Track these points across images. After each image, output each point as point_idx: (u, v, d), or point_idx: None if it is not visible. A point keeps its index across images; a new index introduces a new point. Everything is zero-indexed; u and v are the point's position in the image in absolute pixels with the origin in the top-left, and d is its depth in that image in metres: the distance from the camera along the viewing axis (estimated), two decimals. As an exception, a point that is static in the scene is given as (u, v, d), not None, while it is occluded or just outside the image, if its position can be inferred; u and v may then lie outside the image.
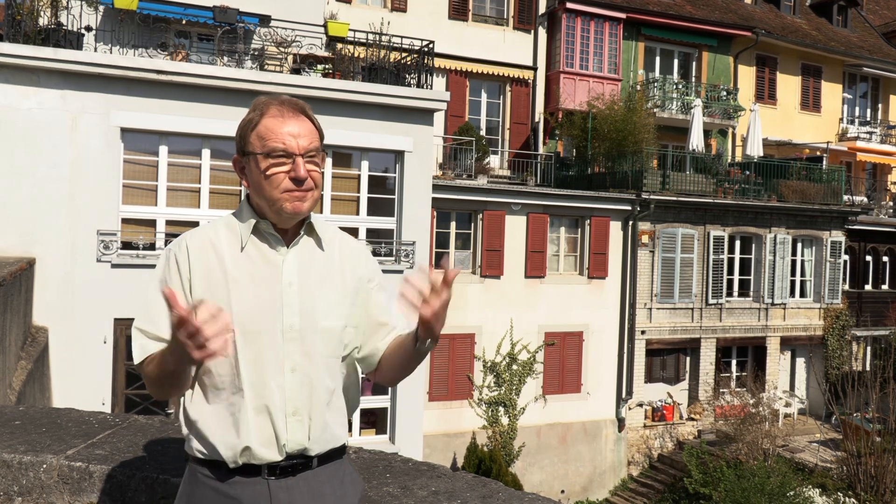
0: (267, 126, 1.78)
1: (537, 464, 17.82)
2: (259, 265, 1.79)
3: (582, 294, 18.40)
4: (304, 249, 1.84)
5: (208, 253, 1.79)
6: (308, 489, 1.77)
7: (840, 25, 28.10)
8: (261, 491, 1.73)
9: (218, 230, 1.83)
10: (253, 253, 1.79)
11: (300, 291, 1.78)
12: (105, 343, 10.43)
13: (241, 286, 1.76)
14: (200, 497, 1.76)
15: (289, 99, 1.83)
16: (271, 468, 1.74)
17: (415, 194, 12.47)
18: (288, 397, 1.74)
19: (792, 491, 15.39)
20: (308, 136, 1.78)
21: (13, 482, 2.51)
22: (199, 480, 1.77)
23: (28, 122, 10.11)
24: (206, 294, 1.73)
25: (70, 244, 10.33)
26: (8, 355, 6.86)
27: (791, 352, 21.79)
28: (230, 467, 1.73)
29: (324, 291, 1.81)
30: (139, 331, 1.77)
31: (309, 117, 1.82)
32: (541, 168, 21.34)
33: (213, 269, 1.77)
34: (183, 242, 1.81)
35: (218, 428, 1.73)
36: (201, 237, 1.82)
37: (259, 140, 1.78)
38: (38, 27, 10.47)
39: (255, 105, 1.82)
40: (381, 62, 12.50)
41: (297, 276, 1.79)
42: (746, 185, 20.86)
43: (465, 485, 2.57)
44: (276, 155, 1.76)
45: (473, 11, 20.80)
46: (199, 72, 10.94)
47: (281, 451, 1.74)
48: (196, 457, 1.77)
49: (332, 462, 1.83)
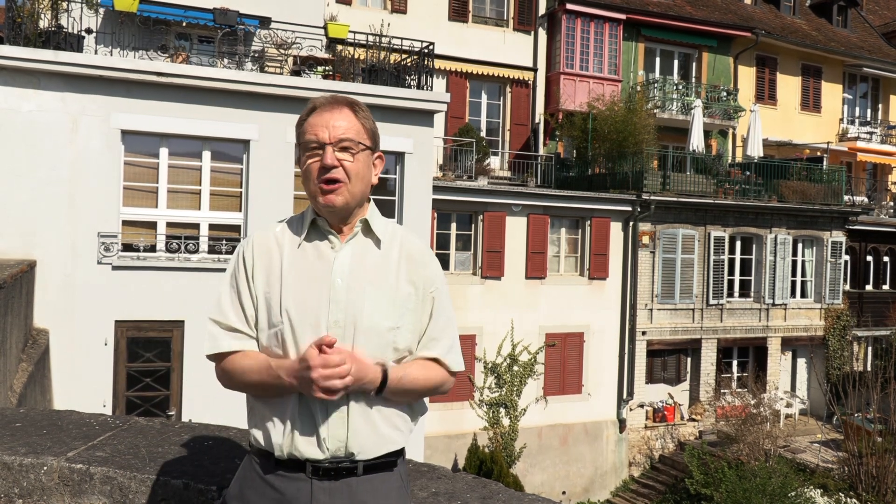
0: (309, 122, 1.85)
1: (538, 465, 17.81)
2: (312, 261, 1.83)
3: (583, 295, 18.40)
4: (359, 247, 1.86)
5: (271, 249, 1.86)
6: (350, 496, 1.77)
7: (840, 26, 28.11)
8: (303, 488, 1.76)
9: (284, 227, 1.91)
10: (309, 249, 1.85)
11: (348, 288, 1.80)
12: (106, 345, 10.43)
13: (294, 281, 1.81)
14: (250, 483, 1.83)
15: (337, 95, 1.89)
16: (315, 468, 1.76)
17: (415, 195, 12.47)
18: None
19: (793, 491, 15.38)
20: (343, 127, 1.82)
21: (14, 484, 2.51)
22: (252, 467, 1.84)
23: (28, 124, 10.12)
24: (265, 287, 1.82)
25: (71, 246, 10.33)
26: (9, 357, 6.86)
27: (792, 352, 21.78)
28: (277, 458, 1.78)
29: (373, 290, 1.81)
30: (212, 321, 1.85)
31: (354, 111, 1.86)
32: (541, 169, 21.34)
33: (273, 264, 1.84)
34: (251, 239, 1.90)
35: (269, 417, 1.79)
36: (267, 234, 1.90)
37: (301, 135, 1.86)
38: (39, 29, 10.48)
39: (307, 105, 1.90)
40: (381, 64, 12.50)
41: (347, 273, 1.81)
42: (747, 185, 20.86)
43: (466, 486, 2.57)
44: (310, 146, 1.82)
45: (473, 13, 20.81)
46: (200, 74, 10.95)
47: (322, 447, 1.76)
48: (252, 445, 1.85)
49: (380, 472, 1.82)
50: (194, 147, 11.17)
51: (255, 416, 1.83)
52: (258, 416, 1.82)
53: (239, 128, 11.17)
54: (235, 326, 1.83)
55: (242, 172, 11.43)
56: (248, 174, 11.34)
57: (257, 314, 1.82)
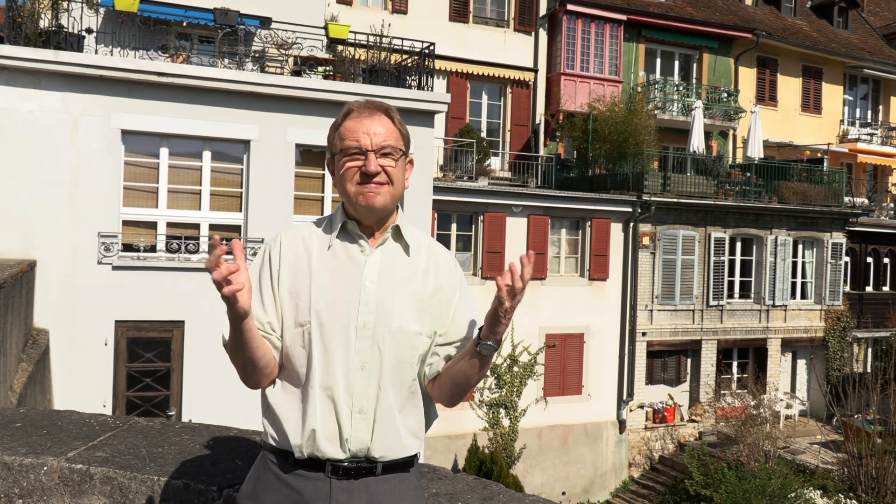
0: (346, 126, 1.86)
1: (538, 465, 17.81)
2: (343, 263, 1.85)
3: (583, 296, 18.40)
4: (389, 252, 1.89)
5: (298, 249, 1.87)
6: (368, 496, 1.78)
7: (841, 27, 28.11)
8: (322, 488, 1.76)
9: (312, 228, 1.93)
10: (339, 251, 1.87)
11: (378, 291, 1.82)
12: (106, 345, 10.43)
13: (323, 281, 1.82)
14: (266, 482, 1.82)
15: (372, 101, 1.91)
16: (335, 467, 1.77)
17: (415, 196, 12.48)
18: (355, 394, 1.78)
19: (793, 492, 15.38)
20: (383, 134, 1.85)
21: (14, 484, 2.51)
22: (267, 466, 1.83)
23: (29, 124, 10.12)
24: (291, 286, 1.83)
25: (71, 246, 10.33)
26: (9, 357, 6.86)
27: (792, 353, 21.77)
28: (296, 458, 1.77)
29: (402, 295, 1.84)
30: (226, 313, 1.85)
31: (390, 117, 1.89)
32: (541, 170, 21.34)
33: (301, 264, 1.85)
34: (279, 238, 1.91)
35: (289, 416, 1.79)
36: (295, 234, 1.91)
37: (339, 140, 1.87)
38: (39, 29, 10.48)
39: (342, 110, 1.91)
40: (381, 64, 12.50)
41: (377, 276, 1.84)
42: (747, 186, 20.86)
43: (466, 487, 2.57)
44: (351, 152, 1.84)
45: (474, 13, 20.81)
46: (200, 74, 10.95)
47: (344, 447, 1.76)
48: (268, 444, 1.83)
49: (397, 473, 1.83)
50: (195, 147, 11.18)
51: (273, 414, 1.82)
52: (276, 415, 1.81)
53: (239, 128, 11.18)
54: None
55: (243, 172, 11.43)
56: (248, 174, 11.34)
57: (283, 313, 1.83)
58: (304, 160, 11.89)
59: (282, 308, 1.83)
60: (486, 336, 1.77)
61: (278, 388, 1.84)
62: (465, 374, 1.84)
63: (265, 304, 1.83)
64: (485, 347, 1.77)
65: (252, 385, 1.85)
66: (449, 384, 1.88)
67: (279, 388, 1.83)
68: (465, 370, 1.84)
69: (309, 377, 1.78)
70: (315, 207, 12.06)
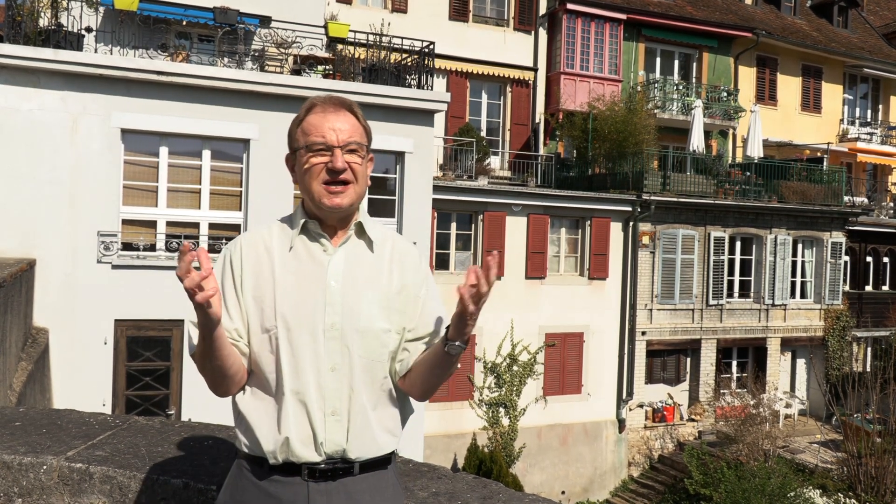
0: (310, 122, 1.83)
1: (538, 465, 17.81)
2: (306, 264, 1.81)
3: (582, 295, 18.40)
4: (353, 250, 1.85)
5: (259, 252, 1.83)
6: (346, 496, 1.76)
7: (840, 26, 28.10)
8: (299, 492, 1.74)
9: (272, 230, 1.88)
10: (301, 252, 1.83)
11: (343, 291, 1.79)
12: (105, 344, 10.43)
13: (287, 284, 1.79)
14: (242, 491, 1.80)
15: (335, 97, 1.87)
16: (311, 470, 1.75)
17: (415, 195, 12.47)
18: (327, 396, 1.76)
19: (792, 492, 15.38)
20: (348, 130, 1.81)
21: (13, 483, 2.51)
22: (243, 474, 1.81)
23: (28, 123, 10.11)
24: (255, 291, 1.79)
25: (71, 245, 10.33)
26: (8, 356, 6.86)
27: (791, 353, 21.78)
28: (271, 464, 1.75)
29: (368, 293, 1.81)
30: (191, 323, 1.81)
31: (354, 114, 1.85)
32: (541, 169, 21.34)
33: (263, 268, 1.81)
34: (238, 242, 1.86)
35: (261, 423, 1.77)
36: (254, 237, 1.87)
37: (303, 136, 1.83)
38: (39, 28, 10.47)
39: (304, 104, 1.87)
40: (381, 63, 12.50)
41: (341, 276, 1.80)
42: (747, 185, 20.86)
43: (466, 486, 2.57)
44: (316, 148, 1.80)
45: (474, 12, 20.81)
46: (200, 73, 10.94)
47: (319, 450, 1.75)
48: (242, 451, 1.81)
49: (375, 471, 1.82)
50: (194, 146, 11.17)
51: (245, 421, 1.80)
52: (248, 423, 1.79)
53: (239, 127, 11.17)
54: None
55: (242, 172, 11.43)
56: (248, 173, 11.34)
57: (248, 319, 1.80)
58: (303, 159, 11.86)
59: (247, 314, 1.80)
60: (453, 336, 1.74)
61: (248, 395, 1.81)
62: (434, 371, 1.83)
63: (230, 310, 1.80)
64: (453, 348, 1.75)
65: (222, 393, 1.82)
66: (419, 380, 1.85)
67: (249, 395, 1.81)
68: (435, 367, 1.82)
69: (279, 382, 1.76)
70: (315, 206, 12.04)
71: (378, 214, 12.47)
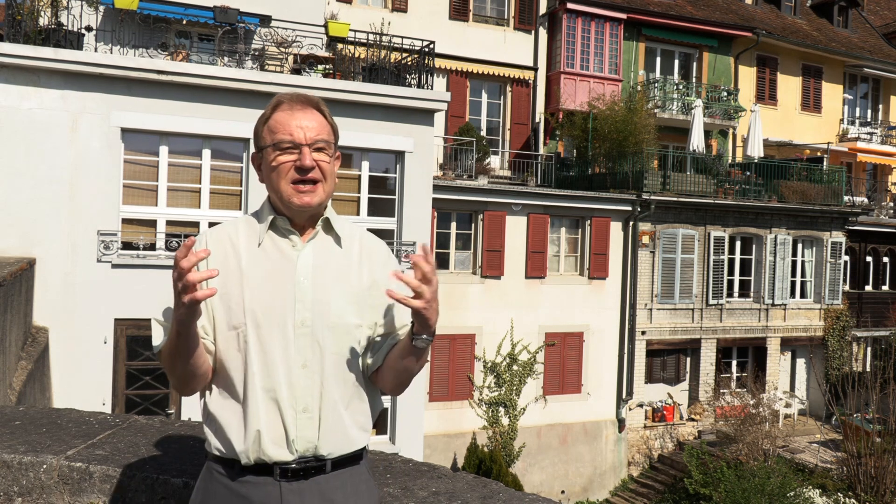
0: (276, 119, 1.80)
1: (538, 464, 17.82)
2: (274, 260, 1.79)
3: (582, 294, 18.40)
4: (321, 246, 1.84)
5: (226, 248, 1.80)
6: (319, 495, 1.75)
7: (841, 26, 28.10)
8: (272, 492, 1.72)
9: (238, 226, 1.85)
10: (269, 248, 1.81)
11: (314, 287, 1.78)
12: (105, 343, 10.43)
13: (255, 281, 1.77)
14: (214, 494, 1.77)
15: (301, 94, 1.85)
16: (283, 470, 1.73)
17: (415, 195, 12.47)
18: (298, 394, 1.74)
19: (792, 491, 15.39)
20: (316, 128, 1.80)
21: (13, 482, 2.51)
22: (213, 477, 1.78)
23: (28, 122, 10.11)
24: (222, 288, 1.75)
25: (70, 244, 10.32)
26: (8, 355, 6.86)
27: (791, 352, 21.78)
28: (243, 465, 1.73)
29: (338, 288, 1.80)
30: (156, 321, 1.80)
31: (321, 111, 1.83)
32: (541, 168, 21.33)
33: (230, 264, 1.78)
34: (203, 238, 1.82)
35: (231, 423, 1.74)
36: (220, 233, 1.84)
37: (269, 133, 1.81)
38: (39, 27, 10.47)
39: (270, 102, 1.85)
40: (381, 62, 12.50)
41: (311, 272, 1.79)
42: (747, 185, 20.86)
43: (466, 485, 2.57)
44: (283, 146, 1.78)
45: (474, 12, 20.80)
46: (200, 72, 10.94)
47: (291, 448, 1.73)
48: (212, 454, 1.78)
49: (347, 468, 1.81)
50: (194, 145, 11.17)
51: (215, 423, 1.77)
52: (217, 423, 1.76)
53: (239, 126, 11.16)
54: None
55: (242, 171, 11.42)
56: (247, 172, 11.33)
57: (214, 316, 1.77)
58: (303, 158, 11.87)
59: (213, 311, 1.77)
60: (418, 330, 1.74)
61: (216, 395, 1.78)
62: (405, 366, 1.82)
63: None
64: (420, 341, 1.74)
65: (188, 392, 1.79)
66: (391, 375, 1.85)
67: (217, 395, 1.78)
68: (405, 361, 1.81)
69: (249, 380, 1.73)
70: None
71: (378, 214, 12.47)
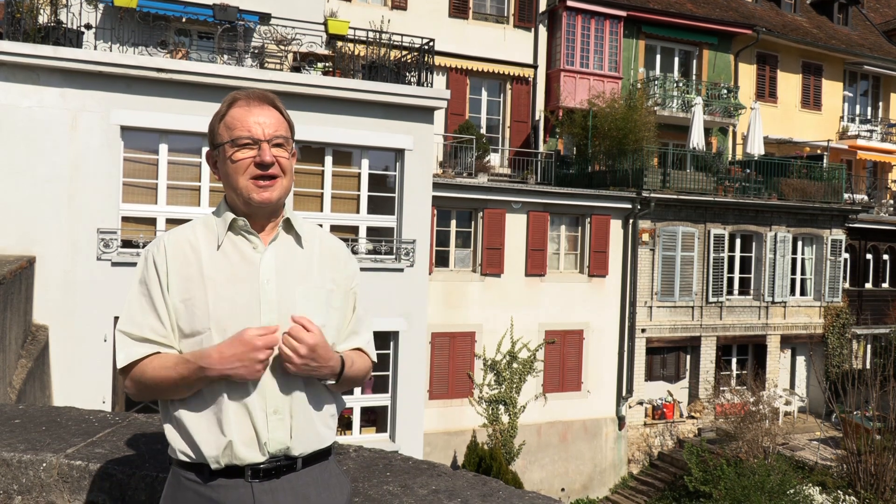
0: (233, 116, 1.79)
1: (538, 462, 17.83)
2: (236, 263, 1.77)
3: (582, 292, 18.40)
4: (283, 246, 1.82)
5: (186, 252, 1.77)
6: (292, 492, 1.74)
7: (841, 23, 28.08)
8: (244, 494, 1.71)
9: (196, 229, 1.82)
10: (230, 251, 1.78)
11: (278, 289, 1.76)
12: (105, 341, 10.43)
13: (219, 285, 1.74)
14: (183, 501, 1.74)
15: (257, 91, 1.84)
16: (254, 471, 1.71)
17: (415, 192, 12.46)
18: (268, 396, 1.73)
19: (792, 489, 15.40)
20: (274, 125, 1.79)
21: (13, 481, 2.50)
22: (182, 484, 1.75)
23: (28, 120, 10.11)
24: (184, 293, 1.73)
25: (70, 243, 10.32)
26: (8, 353, 6.86)
27: (791, 350, 21.79)
28: (213, 469, 1.71)
29: (302, 289, 1.79)
30: (123, 334, 1.75)
31: (277, 108, 1.82)
32: (541, 166, 21.33)
33: (191, 268, 1.75)
34: (161, 242, 1.79)
35: (200, 428, 1.72)
36: (178, 237, 1.80)
37: (226, 130, 1.79)
38: (38, 25, 10.46)
39: (224, 99, 1.84)
40: (381, 60, 12.48)
41: (274, 274, 1.77)
42: (747, 183, 20.86)
43: (466, 483, 2.57)
44: (241, 142, 1.76)
45: (474, 9, 20.78)
46: (200, 70, 10.93)
47: (263, 450, 1.72)
48: (180, 460, 1.75)
49: (317, 464, 1.80)
50: (194, 143, 11.16)
51: (180, 428, 1.74)
52: (184, 429, 1.73)
53: (239, 124, 11.14)
54: (148, 337, 1.73)
55: (242, 169, 11.40)
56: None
57: (178, 322, 1.74)
58: (302, 156, 11.87)
59: (175, 317, 1.73)
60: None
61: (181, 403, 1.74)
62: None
63: (160, 314, 1.74)
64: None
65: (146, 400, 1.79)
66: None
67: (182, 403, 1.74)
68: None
69: (216, 385, 1.70)
70: (315, 203, 12.06)
71: (378, 212, 12.47)
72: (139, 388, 1.74)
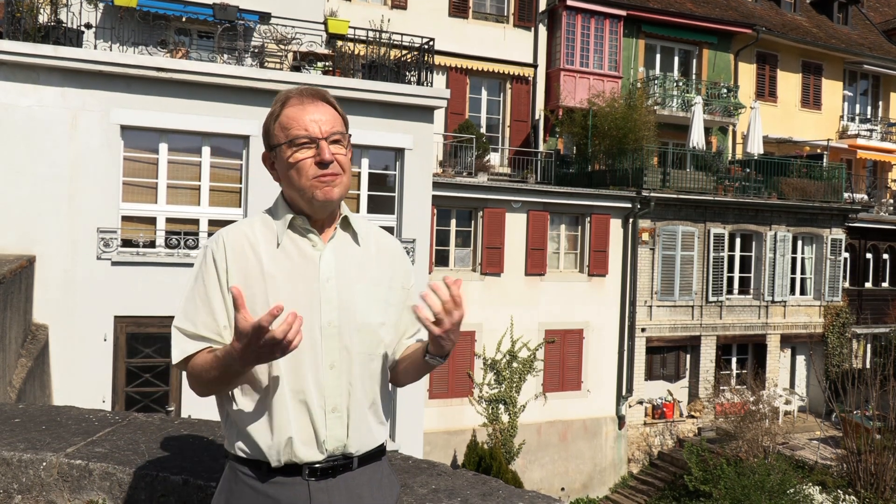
0: (288, 115, 1.77)
1: (537, 461, 17.83)
2: (296, 261, 1.77)
3: (582, 291, 18.40)
4: (341, 244, 1.82)
5: (245, 249, 1.77)
6: (347, 491, 1.75)
7: (841, 23, 28.08)
8: (300, 492, 1.71)
9: (254, 226, 1.82)
10: (290, 248, 1.78)
11: (338, 287, 1.76)
12: (105, 341, 10.43)
13: (279, 282, 1.74)
14: (239, 495, 1.75)
15: (309, 88, 1.83)
16: (312, 469, 1.72)
17: (415, 192, 12.46)
18: (327, 394, 1.73)
19: (792, 488, 15.40)
20: (330, 121, 1.77)
21: (13, 480, 2.51)
22: (238, 479, 1.75)
23: (28, 119, 10.10)
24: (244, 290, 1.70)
25: (70, 242, 10.32)
26: (8, 353, 6.86)
27: (791, 349, 21.79)
28: (272, 466, 1.71)
29: (361, 287, 1.80)
30: (178, 330, 1.76)
31: (330, 103, 1.81)
32: (541, 165, 21.33)
33: (251, 265, 1.75)
34: (220, 238, 1.79)
35: (260, 426, 1.72)
36: (237, 233, 1.80)
37: (282, 130, 1.78)
38: (38, 24, 10.46)
39: (276, 99, 1.83)
40: (381, 59, 12.48)
41: (334, 272, 1.77)
42: (747, 182, 20.86)
43: (466, 482, 2.57)
44: (299, 142, 1.75)
45: (474, 9, 20.77)
46: (199, 69, 10.93)
47: (321, 448, 1.72)
48: (237, 455, 1.75)
49: (371, 463, 1.81)
50: (194, 142, 11.16)
51: (239, 425, 1.74)
52: (243, 426, 1.73)
53: (239, 123, 11.16)
54: (203, 334, 1.73)
55: (242, 168, 11.42)
56: (247, 170, 11.33)
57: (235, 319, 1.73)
58: (303, 156, 11.86)
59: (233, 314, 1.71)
60: (433, 351, 1.74)
61: (240, 397, 1.74)
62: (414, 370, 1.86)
63: (215, 311, 1.74)
64: (433, 360, 1.77)
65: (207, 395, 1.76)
66: (401, 375, 1.90)
67: (241, 397, 1.74)
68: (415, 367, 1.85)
69: (276, 382, 1.70)
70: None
71: (378, 211, 12.47)
72: (193, 383, 1.76)
